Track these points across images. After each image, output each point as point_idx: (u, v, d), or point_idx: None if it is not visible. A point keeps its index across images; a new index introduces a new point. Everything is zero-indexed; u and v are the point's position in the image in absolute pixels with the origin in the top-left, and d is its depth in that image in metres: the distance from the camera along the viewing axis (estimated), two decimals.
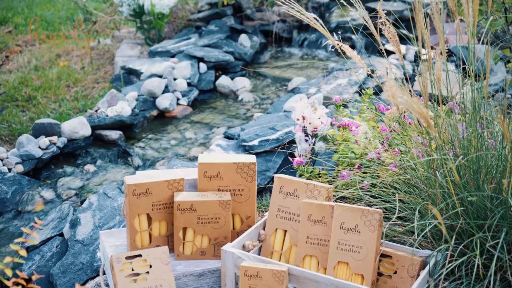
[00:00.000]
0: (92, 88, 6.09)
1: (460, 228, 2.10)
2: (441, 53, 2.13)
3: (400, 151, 2.49)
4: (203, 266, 2.45)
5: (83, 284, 2.95)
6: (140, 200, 2.43)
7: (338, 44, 2.51)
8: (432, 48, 2.21)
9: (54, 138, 4.00)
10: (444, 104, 2.51)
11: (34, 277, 1.54)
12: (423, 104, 1.87)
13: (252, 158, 2.49)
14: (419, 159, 2.28)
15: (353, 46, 5.95)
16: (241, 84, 5.17)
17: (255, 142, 3.78)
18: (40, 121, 4.08)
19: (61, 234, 3.25)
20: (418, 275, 2.18)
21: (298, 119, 3.37)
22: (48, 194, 3.69)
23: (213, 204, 2.42)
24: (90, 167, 3.95)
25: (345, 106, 4.06)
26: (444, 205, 2.13)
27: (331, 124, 3.35)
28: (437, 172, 2.13)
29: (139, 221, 2.46)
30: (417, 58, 5.28)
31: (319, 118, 3.29)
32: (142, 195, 2.42)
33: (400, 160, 2.41)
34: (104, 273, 2.75)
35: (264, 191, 3.56)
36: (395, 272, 2.26)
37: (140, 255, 2.34)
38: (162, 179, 2.44)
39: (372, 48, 5.82)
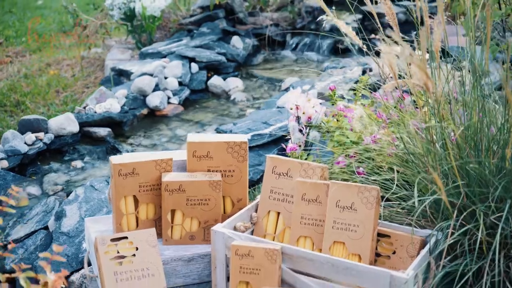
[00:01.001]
0: (82, 92, 5.99)
1: (461, 203, 2.00)
2: (440, 22, 2.05)
3: (398, 126, 2.39)
4: (192, 250, 2.33)
5: (68, 276, 2.82)
6: (127, 181, 2.32)
7: (333, 18, 2.42)
8: (430, 17, 2.12)
9: (41, 134, 3.89)
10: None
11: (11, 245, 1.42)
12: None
13: (243, 137, 2.39)
14: (417, 133, 2.19)
15: (347, 49, 5.89)
16: (234, 84, 5.08)
17: (248, 136, 3.68)
18: (27, 117, 3.97)
19: (46, 228, 3.13)
20: (418, 254, 2.07)
21: (291, 109, 3.28)
22: (34, 189, 3.57)
23: (203, 184, 2.31)
24: (77, 163, 3.84)
25: (341, 98, 3.97)
26: (444, 179, 2.03)
27: (325, 115, 3.25)
28: (436, 144, 2.04)
29: (126, 204, 2.35)
30: None
31: (313, 107, 3.20)
32: (129, 176, 2.31)
33: (397, 137, 2.31)
34: (89, 264, 2.63)
35: (256, 185, 3.45)
36: (394, 252, 2.15)
37: (126, 237, 2.22)
38: (150, 159, 2.33)
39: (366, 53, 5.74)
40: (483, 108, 1.99)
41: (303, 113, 3.22)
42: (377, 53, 2.85)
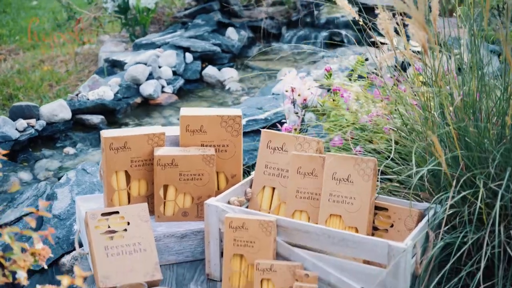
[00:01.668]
0: (75, 85, 5.93)
1: (460, 173, 1.95)
2: None
3: (395, 101, 2.35)
4: (185, 227, 2.28)
5: (59, 258, 2.77)
6: (118, 155, 2.27)
7: None
8: None
9: (33, 121, 3.83)
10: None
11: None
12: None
13: (237, 111, 2.34)
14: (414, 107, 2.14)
15: (342, 41, 5.85)
16: (229, 74, 5.04)
17: (243, 122, 3.63)
18: (18, 104, 3.91)
19: (37, 209, 3.07)
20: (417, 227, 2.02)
21: (287, 91, 3.23)
22: (25, 175, 3.52)
23: (196, 158, 2.25)
24: (69, 150, 3.78)
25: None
26: (443, 149, 1.98)
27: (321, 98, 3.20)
28: (435, 113, 1.99)
29: (117, 179, 2.29)
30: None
31: (308, 89, 3.15)
32: (120, 150, 2.26)
33: (395, 109, 2.26)
34: (81, 246, 2.57)
35: (252, 170, 3.40)
36: (392, 226, 2.10)
37: (117, 212, 2.17)
38: (142, 133, 2.28)
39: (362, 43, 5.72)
40: (482, 76, 1.95)
41: (299, 95, 3.17)
42: (373, 43, 2.83)
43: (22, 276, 1.49)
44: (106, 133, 2.26)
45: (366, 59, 4.98)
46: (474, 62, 1.92)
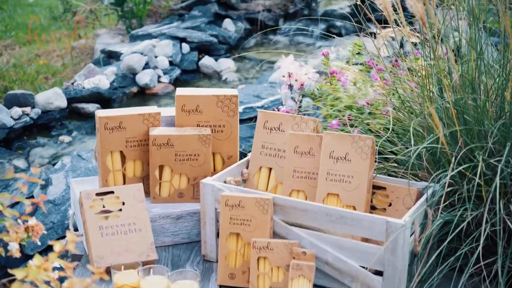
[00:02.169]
0: (71, 78, 5.91)
1: (459, 150, 1.93)
2: None
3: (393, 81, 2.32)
4: (181, 208, 2.25)
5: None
6: (113, 135, 2.24)
7: None
8: None
9: (28, 109, 3.80)
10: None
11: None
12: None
13: (233, 91, 2.31)
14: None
15: (340, 34, 5.83)
16: (225, 65, 5.01)
17: (240, 109, 3.61)
18: (13, 92, 3.88)
19: (32, 197, 3.05)
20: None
21: (283, 76, 3.21)
22: (20, 163, 3.49)
23: (192, 138, 2.23)
24: (65, 138, 3.76)
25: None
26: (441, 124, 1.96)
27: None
28: (433, 90, 1.96)
29: (112, 160, 2.27)
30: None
31: (305, 74, 3.13)
32: (115, 130, 2.23)
33: (393, 88, 2.24)
34: (76, 230, 2.54)
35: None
36: (390, 205, 2.08)
37: (112, 192, 2.14)
38: (137, 112, 2.25)
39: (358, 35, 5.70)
40: (481, 51, 1.92)
41: (296, 80, 3.15)
42: (370, 34, 2.82)
43: (14, 248, 1.47)
44: (101, 113, 2.23)
45: (361, 53, 4.97)
46: (473, 37, 1.89)
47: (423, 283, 1.90)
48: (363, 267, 1.89)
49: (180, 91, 2.31)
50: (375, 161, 2.18)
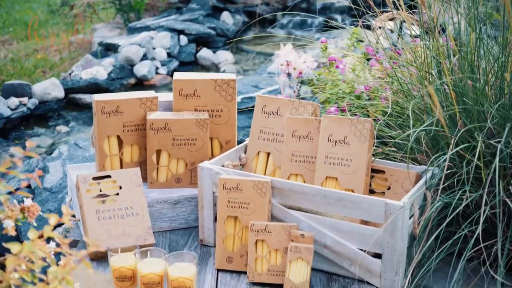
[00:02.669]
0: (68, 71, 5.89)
1: (458, 132, 1.91)
2: None
3: (392, 67, 2.31)
4: (179, 193, 2.24)
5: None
6: (110, 120, 2.22)
7: None
8: None
9: (25, 99, 3.79)
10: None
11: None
12: None
13: (232, 75, 2.29)
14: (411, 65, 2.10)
15: (338, 27, 5.81)
16: (224, 57, 5.00)
17: (238, 99, 3.59)
18: (10, 82, 3.86)
19: (29, 186, 3.03)
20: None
21: (282, 65, 3.19)
22: (17, 153, 3.46)
23: (190, 123, 2.21)
24: (62, 128, 3.74)
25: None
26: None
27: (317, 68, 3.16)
28: (432, 71, 1.95)
29: (109, 144, 2.25)
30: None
31: (304, 62, 3.11)
32: (112, 114, 2.22)
33: (392, 69, 2.22)
34: (73, 216, 2.53)
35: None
36: (389, 188, 2.07)
37: (109, 176, 2.13)
38: (134, 97, 2.24)
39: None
40: (480, 32, 1.91)
41: (294, 68, 3.14)
42: (368, 27, 2.81)
43: (9, 226, 1.45)
44: (98, 97, 2.22)
45: (361, 41, 4.96)
46: (471, 17, 1.88)
47: (421, 266, 1.88)
48: (362, 250, 1.88)
49: (178, 75, 2.30)
50: (374, 144, 2.16)
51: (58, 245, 1.38)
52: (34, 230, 1.23)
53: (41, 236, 1.22)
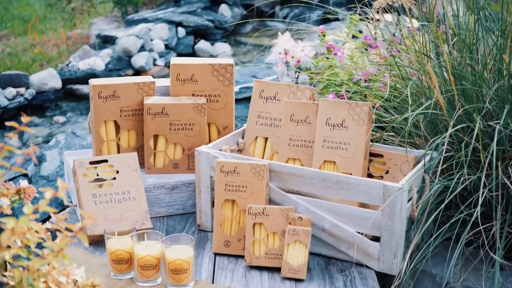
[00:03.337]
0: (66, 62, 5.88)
1: (456, 114, 1.90)
2: None
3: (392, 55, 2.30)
4: (176, 178, 2.23)
5: (47, 219, 2.71)
6: (107, 104, 2.21)
7: None
8: None
9: (22, 90, 3.77)
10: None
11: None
12: None
13: (229, 60, 2.28)
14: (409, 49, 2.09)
15: (337, 20, 5.81)
16: (222, 49, 4.98)
17: (236, 89, 3.58)
18: (7, 72, 3.85)
19: (26, 175, 3.02)
20: None
21: (280, 53, 3.19)
22: (14, 142, 3.46)
23: (187, 107, 2.20)
24: (59, 118, 3.73)
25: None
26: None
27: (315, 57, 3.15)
28: (431, 53, 1.94)
29: (106, 129, 2.24)
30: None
31: (302, 50, 3.10)
32: (109, 99, 2.21)
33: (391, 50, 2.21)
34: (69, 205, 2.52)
35: None
36: (387, 172, 2.06)
37: (106, 161, 2.12)
38: (131, 81, 2.23)
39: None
40: (479, 14, 1.90)
41: (292, 57, 3.13)
42: (366, 18, 2.80)
43: (4, 204, 1.44)
44: (94, 81, 2.21)
45: (360, 32, 4.94)
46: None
47: (419, 251, 1.88)
48: (360, 234, 1.87)
49: (175, 60, 2.28)
50: (372, 129, 2.16)
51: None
52: (29, 205, 1.22)
53: (36, 210, 1.21)
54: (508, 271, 1.90)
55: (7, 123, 1.13)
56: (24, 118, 1.28)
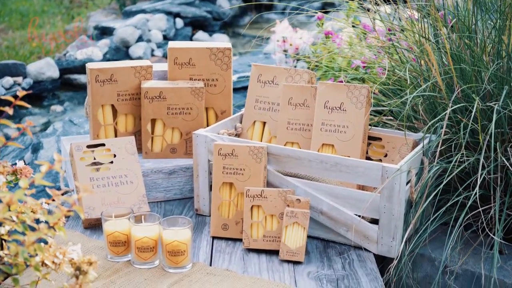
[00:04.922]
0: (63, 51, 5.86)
1: (456, 100, 1.90)
2: None
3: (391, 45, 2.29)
4: (174, 163, 2.22)
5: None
6: (104, 88, 2.20)
7: None
8: None
9: (19, 79, 3.76)
10: None
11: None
12: None
13: (227, 44, 2.27)
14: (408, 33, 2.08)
15: (337, 10, 5.79)
16: (220, 40, 4.97)
17: (234, 78, 3.57)
18: (4, 62, 3.83)
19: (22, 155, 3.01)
20: None
21: (278, 41, 3.17)
22: (11, 131, 3.44)
23: (185, 91, 2.19)
24: (57, 107, 3.71)
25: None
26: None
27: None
28: (429, 35, 1.93)
29: (103, 113, 2.23)
30: None
31: (300, 38, 3.09)
32: (106, 82, 2.19)
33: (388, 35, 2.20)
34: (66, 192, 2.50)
35: None
36: (386, 156, 2.05)
37: (103, 145, 2.10)
38: (129, 65, 2.21)
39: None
40: None
41: (290, 44, 3.12)
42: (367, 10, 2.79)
43: (0, 181, 1.43)
44: (92, 65, 2.19)
45: (359, 20, 4.92)
46: None
47: (418, 234, 1.87)
48: (359, 217, 1.86)
49: (173, 44, 2.27)
50: (370, 114, 2.15)
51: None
52: (25, 179, 1.21)
53: (32, 184, 1.19)
54: (507, 255, 1.89)
55: (1, 108, 1.12)
56: (20, 93, 1.27)
